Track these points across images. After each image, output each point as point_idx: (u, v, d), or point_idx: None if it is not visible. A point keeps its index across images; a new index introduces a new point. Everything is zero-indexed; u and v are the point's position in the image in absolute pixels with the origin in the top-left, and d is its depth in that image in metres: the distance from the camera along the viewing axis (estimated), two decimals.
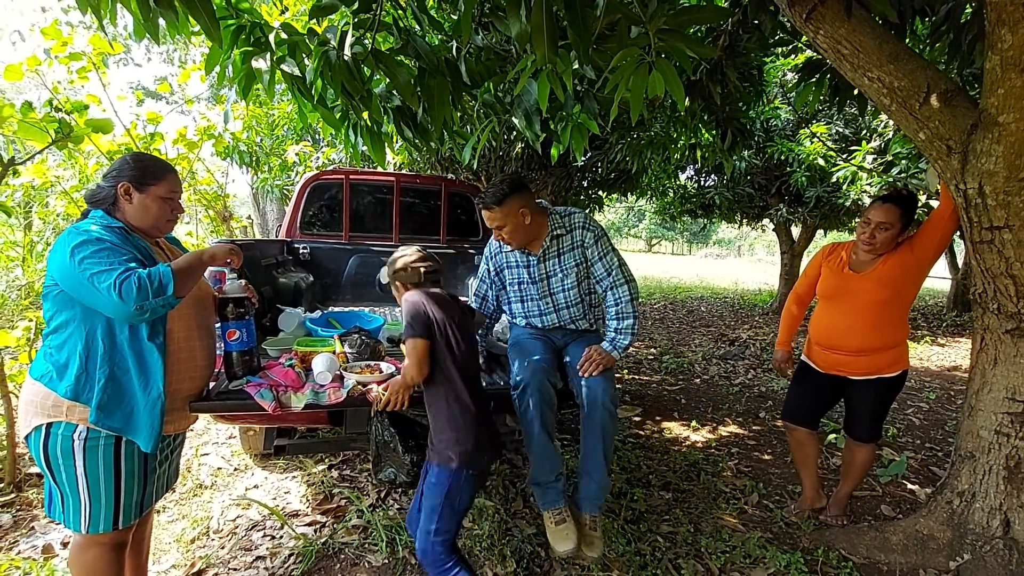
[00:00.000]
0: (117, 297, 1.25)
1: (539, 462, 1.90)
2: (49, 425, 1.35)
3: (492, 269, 2.24)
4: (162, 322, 1.41)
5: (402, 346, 1.82)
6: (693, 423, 3.69)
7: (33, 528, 2.22)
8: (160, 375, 1.39)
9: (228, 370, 1.76)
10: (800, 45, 3.05)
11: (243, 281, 1.73)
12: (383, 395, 1.72)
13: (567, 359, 2.08)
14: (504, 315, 2.39)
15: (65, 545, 2.10)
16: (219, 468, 2.81)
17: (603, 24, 1.58)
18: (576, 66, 1.72)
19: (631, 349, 6.07)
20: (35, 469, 2.58)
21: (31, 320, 2.70)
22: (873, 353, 2.13)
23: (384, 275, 1.87)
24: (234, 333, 1.71)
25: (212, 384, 1.74)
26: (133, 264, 1.32)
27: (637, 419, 3.76)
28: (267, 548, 2.14)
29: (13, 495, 2.42)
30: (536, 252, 2.10)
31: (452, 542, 1.62)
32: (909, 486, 2.81)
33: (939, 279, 12.71)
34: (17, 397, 2.72)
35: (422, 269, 1.75)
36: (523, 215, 1.96)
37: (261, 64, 1.76)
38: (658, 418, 3.81)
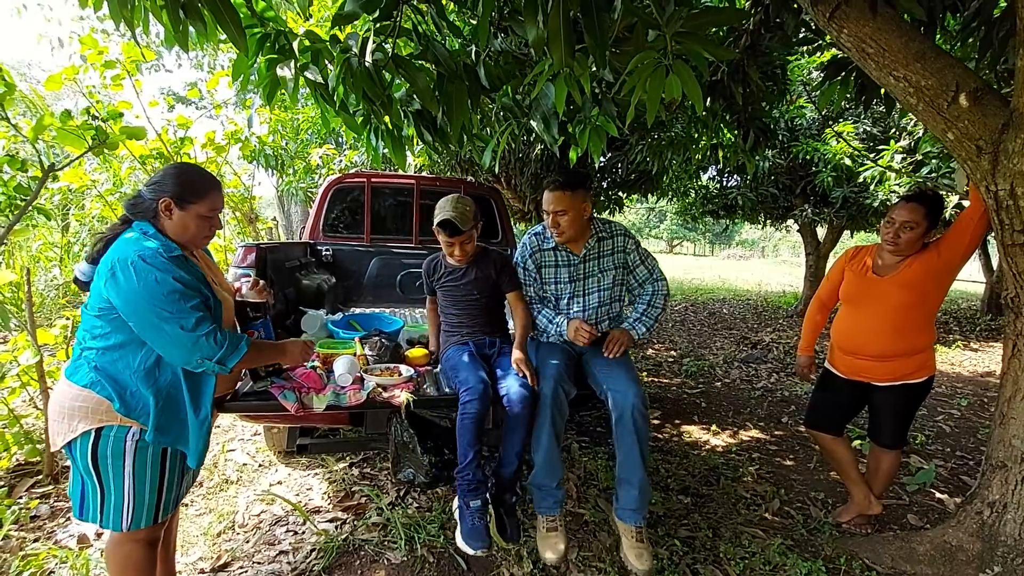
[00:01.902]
0: (191, 344, 1.32)
1: (544, 467, 1.92)
2: (99, 429, 1.37)
3: (533, 267, 2.22)
4: None
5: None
6: (713, 427, 3.64)
7: (69, 519, 2.31)
8: (211, 397, 1.43)
9: (252, 371, 1.81)
10: (824, 43, 2.98)
11: (261, 282, 1.77)
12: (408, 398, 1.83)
13: (593, 367, 2.09)
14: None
15: (99, 536, 2.18)
16: (244, 464, 2.89)
17: (620, 27, 1.58)
18: (593, 69, 1.72)
19: (651, 351, 6.02)
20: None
21: (68, 319, 2.81)
22: (897, 358, 2.08)
23: (467, 220, 2.01)
24: (252, 334, 1.76)
25: (238, 384, 1.80)
26: (203, 314, 1.37)
27: (656, 422, 3.73)
28: (290, 543, 2.19)
29: (51, 487, 2.52)
30: (578, 252, 2.16)
31: None
32: (937, 495, 2.73)
33: (973, 282, 12.28)
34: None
35: None
36: (585, 209, 2.06)
37: (285, 72, 1.81)
38: (678, 421, 3.77)
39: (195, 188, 1.44)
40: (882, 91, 2.41)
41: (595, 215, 2.22)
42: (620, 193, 6.36)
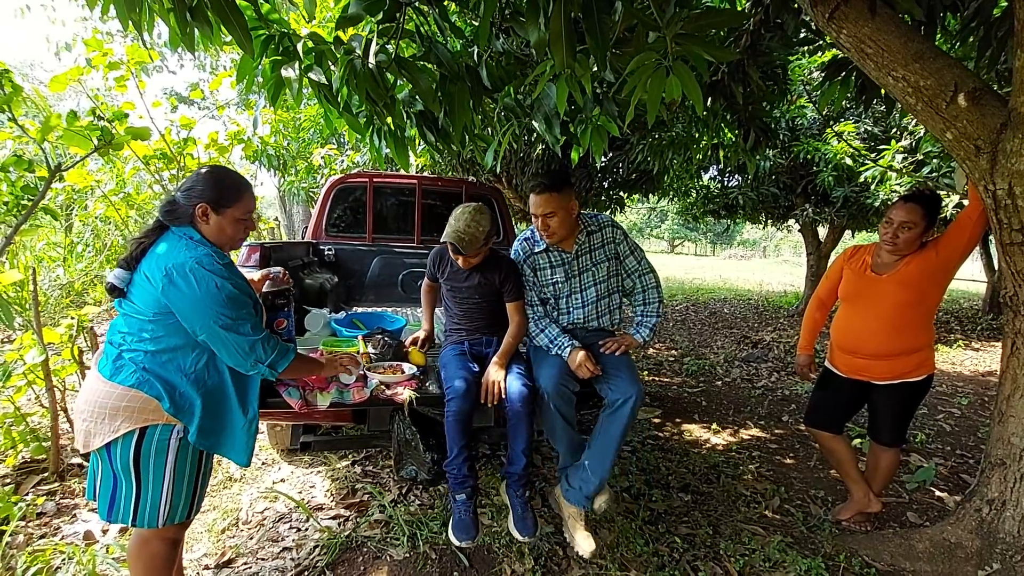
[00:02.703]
0: (248, 348, 1.39)
1: (568, 451, 2.00)
2: (144, 428, 1.39)
3: (529, 272, 2.21)
4: None
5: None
6: (714, 426, 3.66)
7: (75, 515, 2.33)
8: (257, 397, 1.49)
9: None
10: (825, 44, 3.00)
11: (281, 270, 1.81)
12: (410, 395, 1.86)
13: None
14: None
15: (105, 532, 2.21)
16: None
17: (621, 29, 1.59)
18: (595, 70, 1.74)
19: (651, 351, 6.04)
20: (76, 460, 2.71)
21: (73, 318, 2.83)
22: (896, 357, 2.09)
23: (475, 243, 1.97)
24: (282, 323, 1.80)
25: None
26: (257, 319, 1.43)
27: (657, 421, 3.74)
28: (293, 540, 2.21)
29: (57, 483, 2.54)
30: (570, 250, 2.16)
31: None
32: (937, 493, 2.74)
33: (974, 281, 12.27)
34: (60, 391, 2.86)
35: None
36: (573, 207, 2.05)
37: (290, 73, 1.84)
38: (678, 420, 3.79)
39: (230, 192, 1.45)
40: (882, 91, 2.43)
41: (580, 210, 2.21)
42: (621, 193, 6.38)
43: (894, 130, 5.56)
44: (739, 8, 2.64)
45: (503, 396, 1.91)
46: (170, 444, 1.41)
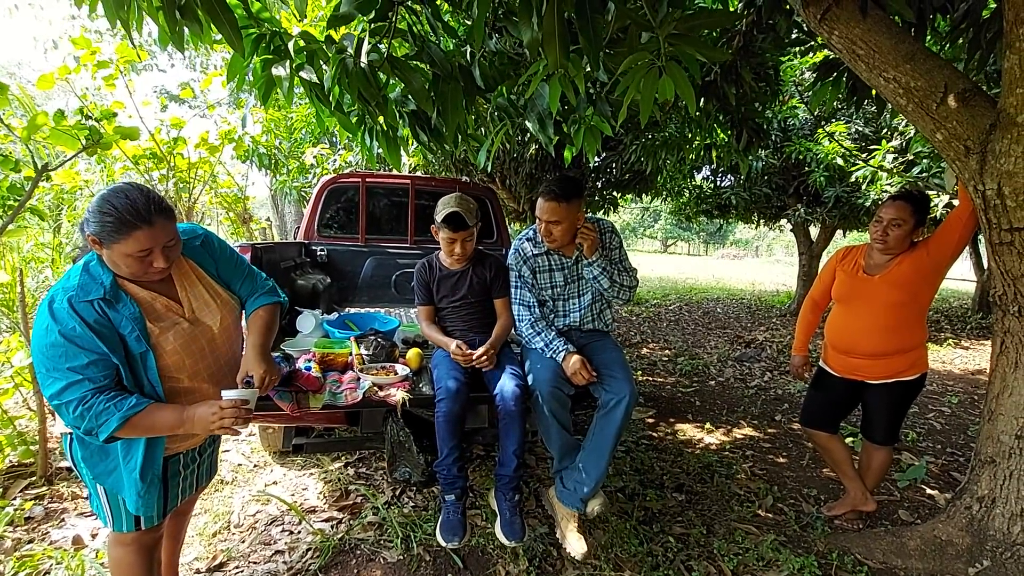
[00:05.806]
0: (55, 407, 1.23)
1: (562, 454, 1.99)
2: (71, 434, 1.38)
3: (528, 272, 2.18)
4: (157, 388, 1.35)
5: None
6: (707, 425, 3.67)
7: (64, 520, 2.30)
8: (141, 451, 1.33)
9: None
10: (816, 44, 3.01)
11: (255, 389, 1.47)
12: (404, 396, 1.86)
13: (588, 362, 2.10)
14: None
15: (94, 536, 2.18)
16: (239, 464, 2.88)
17: (614, 29, 1.59)
18: (588, 70, 1.74)
19: (645, 351, 6.05)
20: (65, 463, 2.67)
21: None
22: (889, 356, 2.11)
23: (471, 216, 2.06)
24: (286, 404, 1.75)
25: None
26: (80, 377, 1.21)
27: (651, 420, 3.75)
28: (286, 543, 2.19)
29: (45, 488, 2.51)
30: (570, 255, 2.16)
31: None
32: (928, 491, 2.76)
33: (964, 281, 12.40)
34: None
35: None
36: (580, 218, 2.05)
37: (280, 71, 1.82)
38: (672, 420, 3.80)
39: (112, 230, 1.22)
40: (873, 92, 2.44)
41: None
42: (615, 193, 6.40)
43: (885, 130, 5.60)
44: (732, 9, 2.65)
45: (495, 394, 1.91)
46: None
